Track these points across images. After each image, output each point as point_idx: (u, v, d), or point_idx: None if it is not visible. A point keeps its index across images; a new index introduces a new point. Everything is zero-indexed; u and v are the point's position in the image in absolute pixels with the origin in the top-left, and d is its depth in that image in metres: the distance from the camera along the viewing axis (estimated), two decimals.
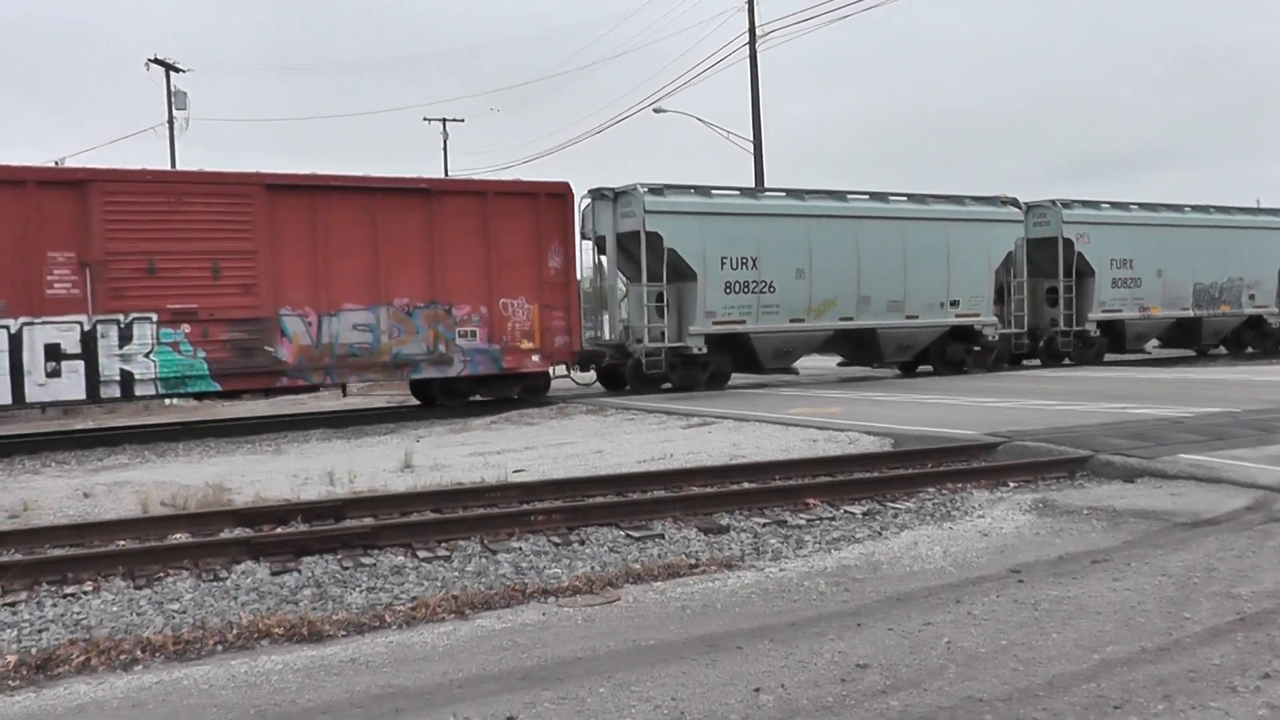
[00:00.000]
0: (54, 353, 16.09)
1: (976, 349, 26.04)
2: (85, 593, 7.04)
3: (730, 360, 23.00)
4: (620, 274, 23.18)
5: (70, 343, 16.21)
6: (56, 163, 37.24)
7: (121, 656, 5.71)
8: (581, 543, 8.17)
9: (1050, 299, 27.83)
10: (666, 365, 22.00)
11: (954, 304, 25.29)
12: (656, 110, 38.89)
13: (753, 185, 33.54)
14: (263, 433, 17.81)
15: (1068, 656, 5.08)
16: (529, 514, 8.72)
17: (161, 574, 7.43)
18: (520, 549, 7.98)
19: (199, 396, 18.12)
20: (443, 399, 20.39)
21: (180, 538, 8.52)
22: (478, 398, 20.45)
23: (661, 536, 8.30)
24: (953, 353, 25.83)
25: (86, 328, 16.32)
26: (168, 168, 16.89)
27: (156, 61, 46.46)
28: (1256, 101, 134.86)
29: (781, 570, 7.12)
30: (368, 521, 8.79)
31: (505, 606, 6.47)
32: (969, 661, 5.05)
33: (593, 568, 7.44)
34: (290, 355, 17.94)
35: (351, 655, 5.56)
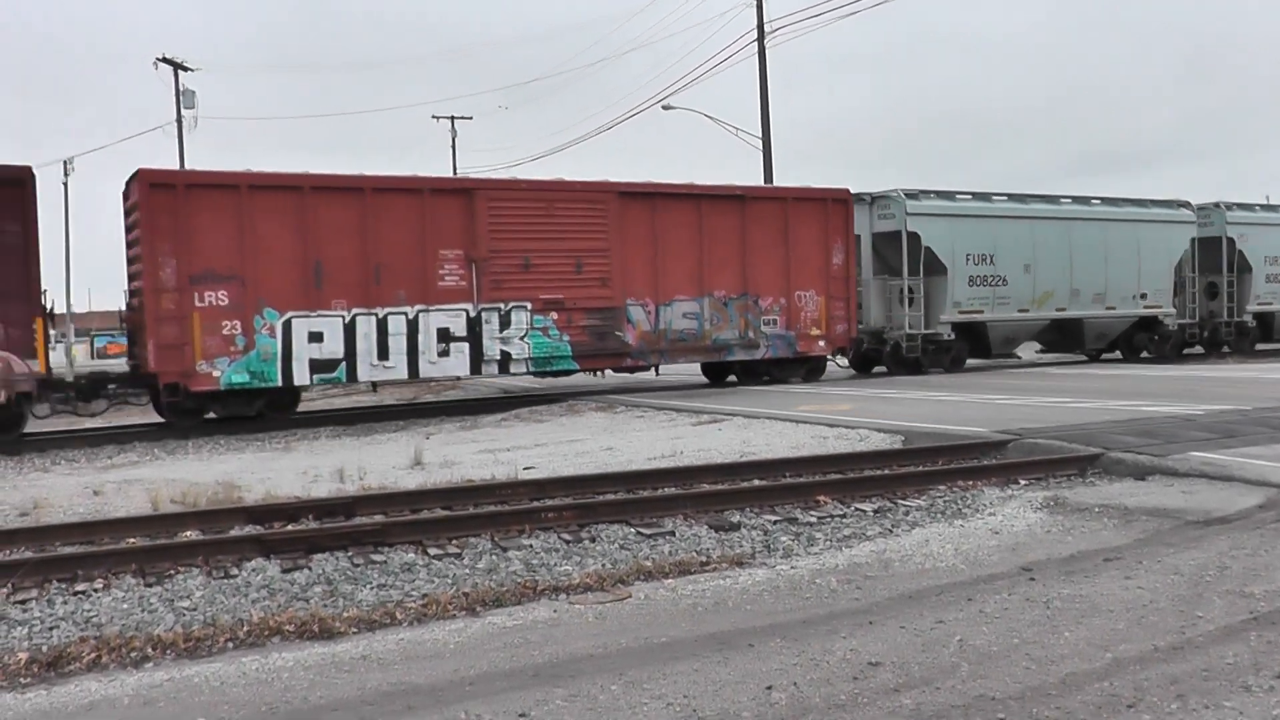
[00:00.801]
0: (444, 335, 19.03)
1: (1157, 337, 29.10)
2: (96, 590, 7.04)
3: (967, 346, 25.94)
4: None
5: (458, 326, 19.15)
6: (65, 163, 37.23)
7: (132, 654, 5.71)
8: (592, 540, 8.17)
9: (1210, 292, 30.39)
10: (921, 349, 24.88)
11: (1143, 296, 28.28)
12: (665, 107, 38.92)
13: (765, 179, 33.61)
14: (272, 430, 17.83)
15: (1080, 655, 5.06)
16: (540, 511, 8.72)
17: (172, 571, 7.44)
18: (531, 546, 7.97)
19: (559, 374, 21.21)
20: (741, 378, 23.01)
21: (191, 535, 8.53)
22: (767, 378, 22.86)
23: (672, 534, 8.29)
24: (1139, 341, 28.99)
25: (472, 314, 19.25)
26: (518, 176, 20.94)
27: (165, 61, 46.56)
28: (1271, 96, 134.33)
29: (793, 568, 7.11)
30: (378, 519, 8.80)
31: (516, 604, 6.47)
32: (981, 660, 5.04)
33: (604, 565, 7.44)
34: (634, 339, 20.90)
35: (363, 652, 5.56)
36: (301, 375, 17.88)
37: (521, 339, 19.59)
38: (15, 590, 7.05)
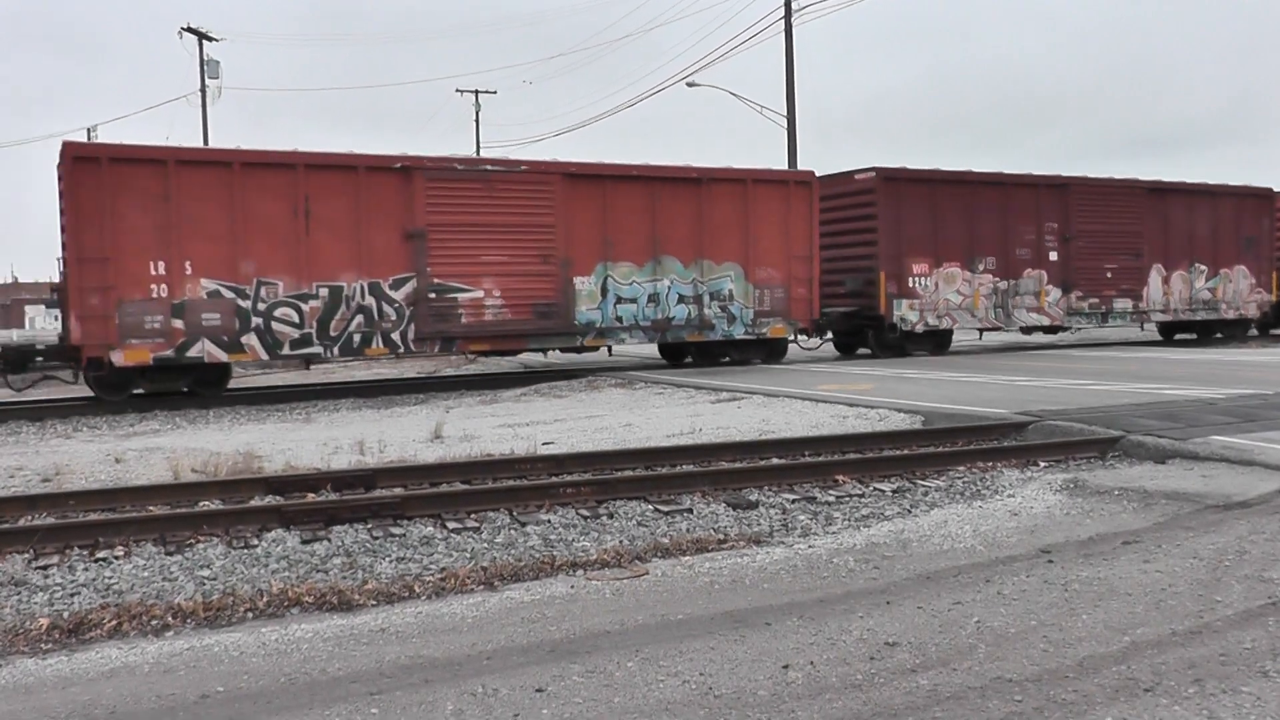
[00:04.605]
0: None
1: None
2: (116, 558, 7.09)
3: None
4: None
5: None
6: (89, 131, 37.25)
7: (153, 622, 5.75)
8: (610, 516, 8.18)
9: None
10: None
11: None
12: (690, 84, 38.75)
13: (789, 157, 33.59)
14: (292, 401, 17.91)
15: (1098, 638, 5.05)
16: (558, 486, 8.73)
17: (192, 540, 7.49)
18: (549, 521, 8.00)
19: None
20: None
21: (211, 504, 8.58)
22: None
23: (690, 511, 8.30)
24: None
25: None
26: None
27: (190, 30, 46.60)
28: None
29: (810, 547, 7.11)
30: (397, 491, 8.83)
31: (534, 579, 6.48)
32: (998, 641, 5.03)
33: (621, 541, 7.45)
34: None
35: (381, 625, 5.59)
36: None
37: None
38: (36, 556, 7.12)
